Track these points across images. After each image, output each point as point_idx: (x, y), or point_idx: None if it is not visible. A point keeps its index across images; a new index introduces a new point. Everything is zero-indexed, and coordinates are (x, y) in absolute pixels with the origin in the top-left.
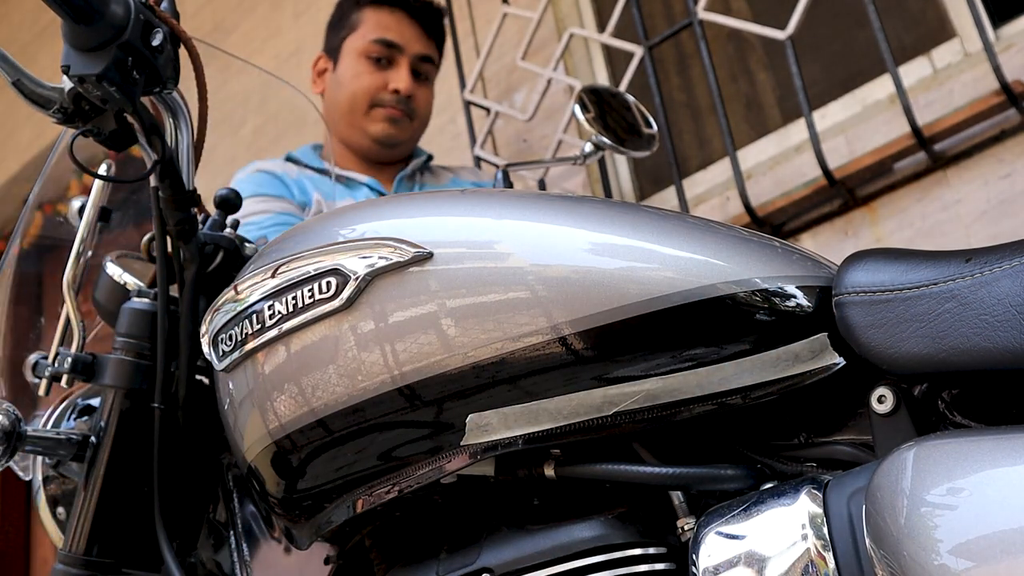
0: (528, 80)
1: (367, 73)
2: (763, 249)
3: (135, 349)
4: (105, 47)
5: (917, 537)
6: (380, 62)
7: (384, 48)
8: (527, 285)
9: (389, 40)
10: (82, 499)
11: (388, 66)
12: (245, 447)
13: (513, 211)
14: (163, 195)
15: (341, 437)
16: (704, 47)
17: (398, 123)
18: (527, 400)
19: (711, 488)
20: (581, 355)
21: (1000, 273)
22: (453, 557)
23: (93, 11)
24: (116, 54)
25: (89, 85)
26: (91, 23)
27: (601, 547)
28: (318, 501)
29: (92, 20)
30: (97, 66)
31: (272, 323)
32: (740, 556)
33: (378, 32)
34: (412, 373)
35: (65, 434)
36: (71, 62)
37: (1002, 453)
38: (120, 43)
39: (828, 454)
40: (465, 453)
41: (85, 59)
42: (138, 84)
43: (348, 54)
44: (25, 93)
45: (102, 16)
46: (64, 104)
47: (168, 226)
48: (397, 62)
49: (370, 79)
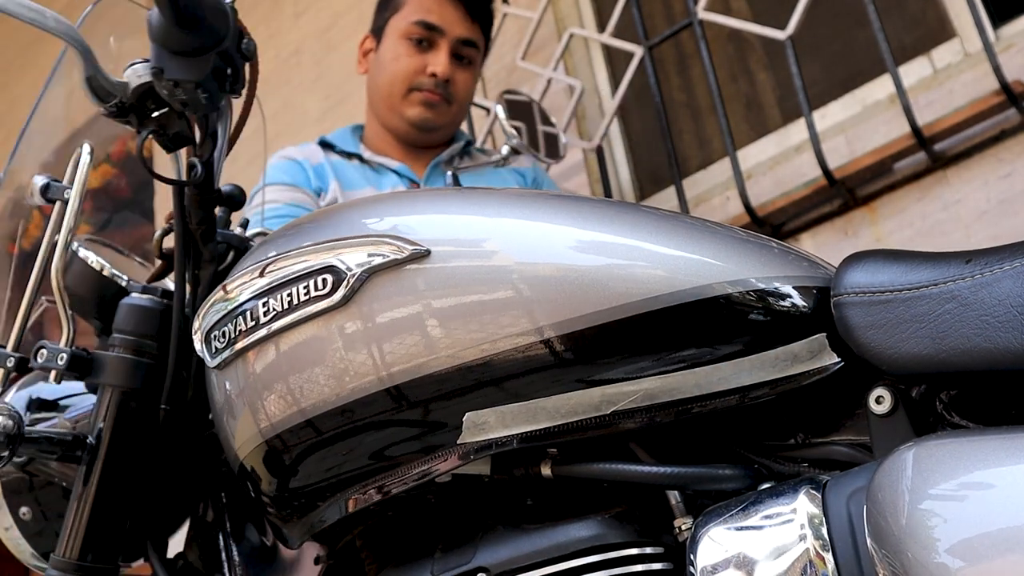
0: (528, 80)
1: (406, 55)
2: (759, 249)
3: (134, 347)
4: (204, 53)
5: (919, 536)
6: (421, 44)
7: (424, 30)
8: (524, 283)
9: (430, 22)
10: (77, 502)
11: (428, 48)
12: (238, 444)
13: (511, 210)
14: (189, 193)
15: (336, 435)
16: (704, 47)
17: (435, 107)
18: (526, 399)
19: (708, 488)
20: (580, 354)
21: (1001, 274)
22: (448, 556)
23: (198, 17)
24: (215, 62)
25: (182, 89)
26: (193, 29)
27: (598, 547)
28: (311, 499)
29: (195, 26)
30: (197, 72)
31: (266, 320)
32: (738, 556)
33: (419, 14)
34: (409, 370)
35: (58, 434)
36: (164, 65)
37: (1003, 453)
38: (220, 51)
39: (825, 454)
40: (462, 452)
41: (182, 64)
42: (224, 90)
43: (390, 35)
44: (92, 85)
45: (204, 23)
46: (124, 100)
47: (190, 224)
48: (437, 45)
49: (408, 62)
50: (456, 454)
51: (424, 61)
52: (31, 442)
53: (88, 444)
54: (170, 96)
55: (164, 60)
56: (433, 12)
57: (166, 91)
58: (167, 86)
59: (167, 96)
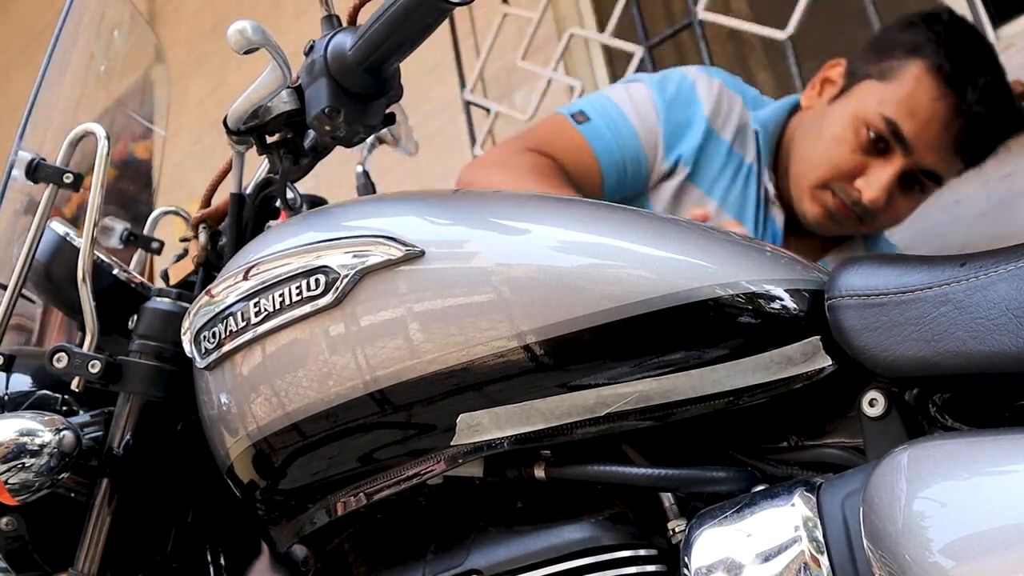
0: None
1: (848, 148)
2: (751, 252)
3: (155, 352)
4: (379, 99)
5: (915, 538)
6: (875, 143)
7: (889, 134)
8: (518, 286)
9: (900, 131)
10: (95, 516)
11: (877, 154)
12: (226, 447)
13: (506, 212)
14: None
15: (326, 438)
16: (704, 47)
17: (839, 221)
18: (520, 401)
19: (702, 490)
20: (574, 356)
21: (996, 277)
22: (440, 559)
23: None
24: (386, 109)
25: (351, 127)
26: (374, 75)
27: (591, 548)
28: (300, 502)
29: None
30: (374, 119)
31: (256, 321)
32: (732, 558)
33: (896, 110)
34: (400, 372)
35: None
36: (343, 106)
37: (998, 455)
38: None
39: (818, 457)
40: (454, 454)
41: (361, 107)
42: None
43: (853, 101)
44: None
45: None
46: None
47: (245, 234)
48: (890, 158)
49: (845, 157)
50: (448, 456)
51: (862, 167)
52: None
53: (113, 455)
54: (337, 131)
55: (342, 100)
56: (915, 120)
57: (328, 127)
58: (340, 127)
59: (326, 131)
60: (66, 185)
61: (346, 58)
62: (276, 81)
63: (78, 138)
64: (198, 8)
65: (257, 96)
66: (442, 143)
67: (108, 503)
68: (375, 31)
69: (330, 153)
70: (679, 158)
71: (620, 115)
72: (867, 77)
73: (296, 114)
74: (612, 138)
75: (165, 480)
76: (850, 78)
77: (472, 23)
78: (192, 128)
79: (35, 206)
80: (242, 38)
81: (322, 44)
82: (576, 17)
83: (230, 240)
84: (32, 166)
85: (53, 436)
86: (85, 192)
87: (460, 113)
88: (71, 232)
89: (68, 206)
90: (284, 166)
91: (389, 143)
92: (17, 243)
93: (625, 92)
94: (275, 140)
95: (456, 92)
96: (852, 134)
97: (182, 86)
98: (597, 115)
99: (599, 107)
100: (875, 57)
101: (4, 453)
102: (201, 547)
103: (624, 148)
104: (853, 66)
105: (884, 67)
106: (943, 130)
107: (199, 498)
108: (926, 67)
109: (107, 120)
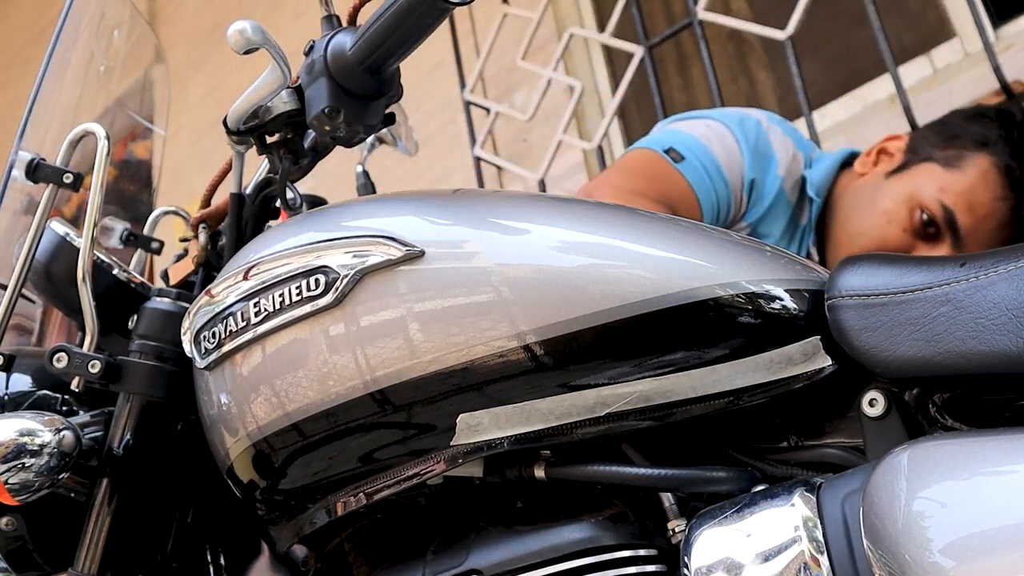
0: (528, 80)
1: (900, 228)
2: (751, 253)
3: (155, 352)
4: (379, 99)
5: (916, 538)
6: (925, 227)
7: (944, 221)
8: (518, 286)
9: (956, 223)
10: (95, 516)
11: (927, 239)
12: (228, 446)
13: (506, 212)
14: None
15: (332, 436)
16: (704, 47)
17: None
18: (520, 401)
19: (702, 490)
20: (575, 356)
21: (996, 277)
22: (440, 559)
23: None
24: (386, 109)
25: (351, 127)
26: (375, 75)
27: (591, 548)
28: (301, 502)
29: (377, 73)
30: (374, 119)
31: (257, 321)
32: (732, 558)
33: (955, 198)
34: (400, 372)
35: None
36: (343, 106)
37: (999, 455)
38: (393, 101)
39: (817, 457)
40: (454, 454)
41: (361, 107)
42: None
43: (909, 181)
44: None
45: (383, 72)
46: (263, 122)
47: (245, 234)
48: (939, 244)
49: (895, 235)
50: (448, 456)
51: (909, 249)
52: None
53: (113, 455)
54: (336, 130)
55: (343, 100)
56: (972, 214)
57: (328, 127)
58: (340, 126)
59: (325, 131)
60: (66, 185)
61: (346, 58)
62: (276, 81)
63: (78, 138)
64: (198, 8)
65: (257, 96)
66: (442, 143)
67: (108, 503)
68: (375, 31)
69: (330, 153)
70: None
71: (708, 155)
72: (929, 159)
73: (296, 114)
74: (708, 179)
75: (165, 480)
76: (911, 155)
77: (472, 23)
78: (192, 128)
79: (35, 206)
80: (242, 38)
81: (322, 44)
82: (576, 17)
83: (230, 240)
84: (32, 166)
85: (53, 436)
86: (85, 192)
87: (460, 113)
88: (71, 232)
89: (68, 206)
90: (284, 166)
91: (389, 143)
92: (17, 243)
93: (707, 130)
94: (275, 140)
95: (456, 92)
96: (906, 213)
97: (182, 86)
98: (690, 154)
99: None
100: (940, 142)
101: (4, 453)
102: (201, 547)
103: (719, 190)
104: (915, 144)
105: (949, 154)
106: (996, 230)
107: (199, 498)
108: (993, 164)
109: (107, 120)
